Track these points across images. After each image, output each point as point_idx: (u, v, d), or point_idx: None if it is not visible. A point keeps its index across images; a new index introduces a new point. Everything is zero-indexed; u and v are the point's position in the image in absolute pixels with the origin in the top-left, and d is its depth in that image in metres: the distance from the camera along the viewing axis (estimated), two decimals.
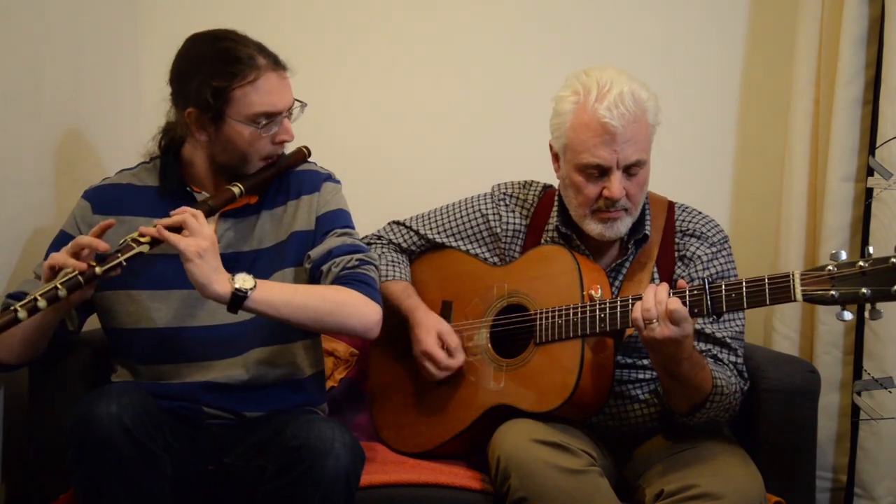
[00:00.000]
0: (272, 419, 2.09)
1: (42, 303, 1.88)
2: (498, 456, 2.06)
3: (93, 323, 2.21)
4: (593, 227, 2.21)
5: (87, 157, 2.54)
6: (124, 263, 1.96)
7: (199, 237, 1.96)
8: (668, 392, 2.15)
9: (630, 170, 2.16)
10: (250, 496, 1.97)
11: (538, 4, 2.95)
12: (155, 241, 1.98)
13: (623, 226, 2.22)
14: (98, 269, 1.94)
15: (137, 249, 1.97)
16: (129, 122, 2.69)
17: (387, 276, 2.40)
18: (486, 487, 2.13)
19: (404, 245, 2.47)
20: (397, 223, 2.50)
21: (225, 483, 2.06)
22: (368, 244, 2.47)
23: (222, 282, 1.95)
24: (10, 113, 2.22)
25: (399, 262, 2.44)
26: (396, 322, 2.38)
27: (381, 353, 2.48)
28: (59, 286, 1.90)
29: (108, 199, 2.18)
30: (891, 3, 2.52)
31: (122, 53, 2.81)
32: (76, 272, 1.92)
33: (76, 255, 1.95)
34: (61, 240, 2.12)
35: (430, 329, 2.32)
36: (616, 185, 2.15)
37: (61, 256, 1.95)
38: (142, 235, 1.98)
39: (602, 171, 2.16)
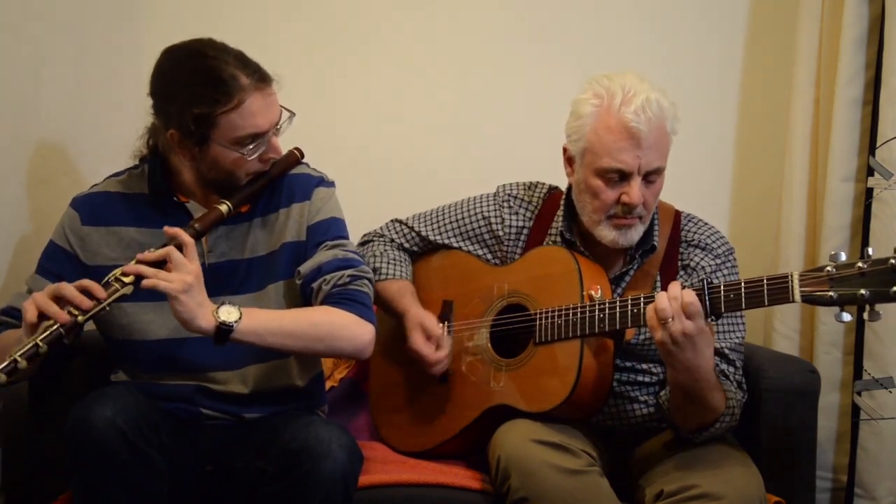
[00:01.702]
0: (271, 420, 2.09)
1: (22, 363, 1.82)
2: (498, 456, 2.06)
3: (93, 324, 2.21)
4: (607, 234, 2.20)
5: (87, 158, 2.54)
6: (108, 308, 1.91)
7: (182, 272, 1.90)
8: (679, 412, 2.12)
9: (649, 176, 2.15)
10: (249, 497, 1.96)
11: (539, 6, 2.94)
12: (138, 280, 1.91)
13: (636, 234, 2.21)
14: (80, 319, 1.87)
15: (121, 291, 1.90)
16: (129, 122, 2.67)
17: (387, 275, 2.40)
18: (486, 487, 2.13)
19: (406, 245, 2.47)
20: (399, 222, 2.50)
21: (224, 484, 2.05)
22: (370, 242, 2.48)
23: (206, 316, 1.91)
24: (10, 113, 2.22)
25: (400, 261, 2.44)
26: (396, 322, 2.38)
27: (381, 353, 2.47)
28: (40, 343, 1.83)
29: (96, 208, 2.14)
30: (891, 3, 2.52)
31: (123, 53, 2.80)
32: (57, 325, 1.85)
33: (58, 299, 1.88)
34: (52, 251, 2.11)
35: (415, 325, 2.31)
36: (636, 191, 2.14)
37: (44, 302, 1.87)
38: (125, 275, 1.91)
39: (622, 176, 2.15)
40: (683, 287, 1.98)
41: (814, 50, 2.70)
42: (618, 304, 2.09)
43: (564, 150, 2.26)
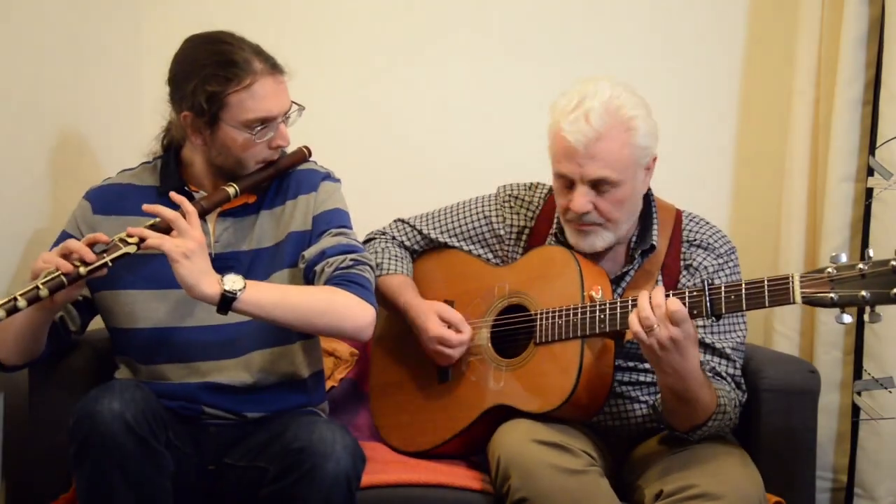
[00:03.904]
0: (273, 420, 2.10)
1: (22, 302, 1.86)
2: (498, 456, 2.06)
3: (95, 321, 2.22)
4: (570, 236, 2.22)
5: (87, 157, 2.55)
6: (110, 264, 1.95)
7: (186, 237, 1.94)
8: (672, 413, 2.11)
9: (600, 186, 2.14)
10: (252, 497, 1.97)
11: (547, 8, 2.94)
12: (142, 241, 1.96)
13: (599, 240, 2.20)
14: (82, 270, 1.92)
15: (124, 250, 1.95)
16: (129, 122, 2.70)
17: (388, 269, 2.40)
18: (486, 487, 2.13)
19: (407, 243, 2.48)
20: (402, 221, 2.50)
21: (226, 483, 2.06)
22: (372, 239, 2.48)
23: (211, 283, 1.93)
24: (10, 113, 2.23)
25: (401, 258, 2.44)
26: (397, 321, 2.39)
27: (382, 353, 2.48)
28: (41, 286, 1.88)
29: (108, 199, 2.18)
30: (891, 3, 2.52)
31: (123, 53, 2.81)
32: (59, 273, 1.90)
33: (65, 256, 1.94)
34: (63, 240, 2.12)
35: (429, 313, 2.31)
36: (578, 198, 2.14)
37: (50, 256, 1.94)
38: (129, 235, 1.96)
39: (570, 183, 2.16)
40: (669, 294, 1.98)
41: (814, 50, 2.69)
42: (618, 304, 2.08)
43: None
